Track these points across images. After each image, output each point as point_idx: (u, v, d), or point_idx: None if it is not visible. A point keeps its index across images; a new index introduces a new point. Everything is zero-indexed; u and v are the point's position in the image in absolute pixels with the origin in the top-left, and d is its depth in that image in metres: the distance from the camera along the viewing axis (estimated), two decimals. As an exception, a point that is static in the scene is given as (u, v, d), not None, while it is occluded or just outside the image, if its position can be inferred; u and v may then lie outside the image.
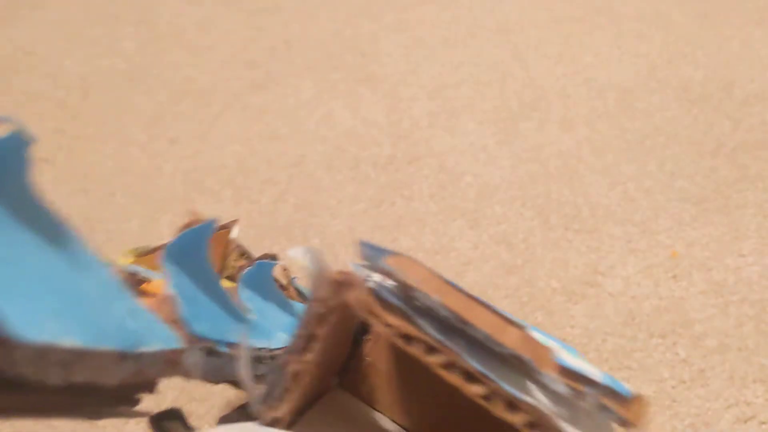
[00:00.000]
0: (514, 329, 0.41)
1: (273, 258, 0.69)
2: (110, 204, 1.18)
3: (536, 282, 1.01)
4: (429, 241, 1.09)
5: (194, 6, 1.76)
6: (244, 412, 0.46)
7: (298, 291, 0.71)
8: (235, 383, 0.47)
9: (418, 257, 1.05)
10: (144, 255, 0.64)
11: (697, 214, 1.11)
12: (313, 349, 0.44)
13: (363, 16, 1.67)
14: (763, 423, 0.82)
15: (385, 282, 0.43)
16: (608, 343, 0.92)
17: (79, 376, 0.32)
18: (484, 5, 1.69)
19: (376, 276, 0.43)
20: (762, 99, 1.34)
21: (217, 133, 1.34)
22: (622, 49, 1.51)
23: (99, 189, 1.21)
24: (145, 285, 0.54)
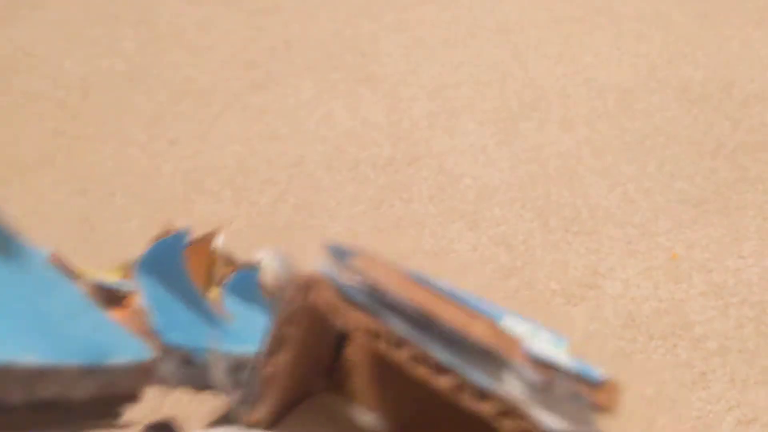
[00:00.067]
0: (482, 322, 0.42)
1: (257, 264, 0.69)
2: (110, 204, 1.18)
3: (536, 284, 1.01)
4: (428, 243, 1.09)
5: (194, 6, 1.76)
6: (228, 418, 0.47)
7: None
8: (216, 390, 0.47)
9: (417, 259, 1.05)
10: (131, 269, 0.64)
11: (696, 215, 1.11)
12: (284, 351, 0.45)
13: (363, 17, 1.67)
14: (766, 425, 0.82)
15: (353, 282, 0.44)
16: (608, 345, 0.92)
17: (44, 392, 0.32)
18: (484, 5, 1.69)
19: (343, 276, 0.44)
20: (762, 99, 1.34)
21: (216, 133, 1.34)
22: (622, 49, 1.51)
23: (99, 189, 1.21)
24: (129, 298, 0.54)
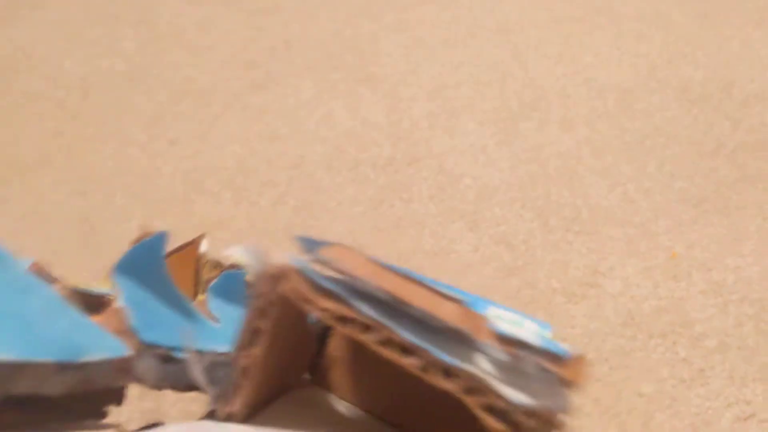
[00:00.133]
0: (451, 303, 0.43)
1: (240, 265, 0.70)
2: (110, 205, 1.18)
3: (537, 283, 1.01)
4: (428, 243, 1.09)
5: (194, 6, 1.76)
6: (212, 416, 0.47)
7: None
8: (197, 388, 0.48)
9: (418, 259, 1.05)
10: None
11: (696, 215, 1.11)
12: (258, 343, 0.46)
13: (363, 17, 1.67)
14: (763, 421, 0.82)
15: (324, 271, 0.45)
16: (608, 343, 0.92)
17: (19, 387, 0.34)
18: (484, 5, 1.69)
19: (314, 266, 0.45)
20: (762, 99, 1.34)
21: (216, 133, 1.34)
22: (622, 49, 1.51)
23: (99, 190, 1.21)
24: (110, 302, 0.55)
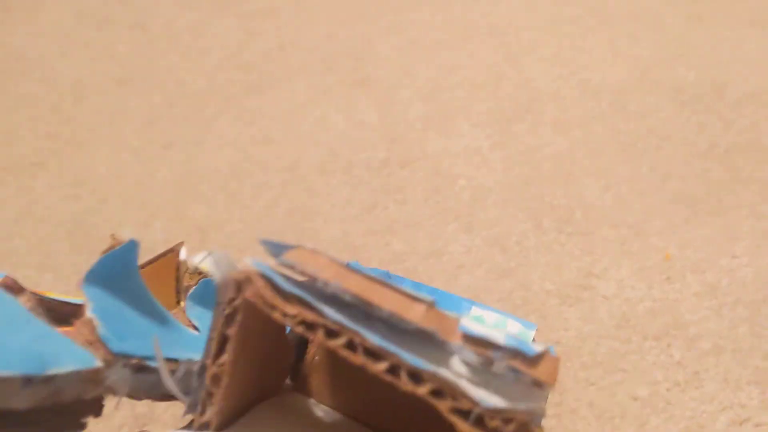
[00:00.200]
0: (420, 305, 0.43)
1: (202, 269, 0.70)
2: (103, 210, 1.18)
3: (530, 285, 1.01)
4: (422, 246, 1.09)
5: (188, 10, 1.76)
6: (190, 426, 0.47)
7: None
8: (174, 398, 0.48)
9: (412, 261, 1.05)
10: None
11: (690, 215, 1.11)
12: (227, 351, 0.46)
13: (357, 20, 1.67)
14: (758, 425, 0.82)
15: (289, 275, 0.45)
16: (602, 346, 0.92)
17: None
18: (478, 8, 1.69)
19: (279, 270, 0.45)
20: (755, 100, 1.34)
21: (211, 137, 1.34)
22: (616, 50, 1.51)
23: (92, 194, 1.21)
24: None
